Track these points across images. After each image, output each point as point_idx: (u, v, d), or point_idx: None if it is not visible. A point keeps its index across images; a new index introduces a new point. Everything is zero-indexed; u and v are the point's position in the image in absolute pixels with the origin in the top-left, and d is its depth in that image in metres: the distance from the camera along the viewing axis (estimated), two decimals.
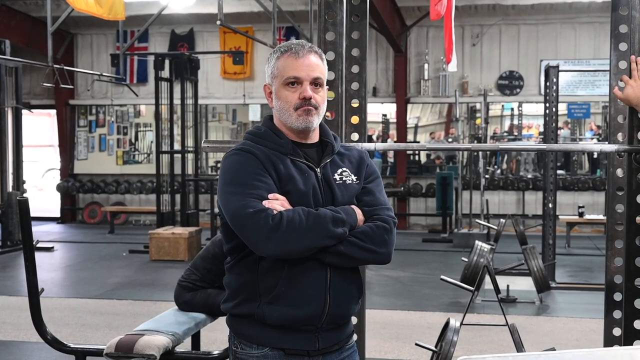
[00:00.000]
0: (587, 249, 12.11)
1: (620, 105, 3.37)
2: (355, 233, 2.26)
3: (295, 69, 2.28)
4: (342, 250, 2.23)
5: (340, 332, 2.37)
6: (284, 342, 2.28)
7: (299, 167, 2.30)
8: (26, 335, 6.39)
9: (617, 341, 3.42)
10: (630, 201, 3.25)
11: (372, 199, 2.35)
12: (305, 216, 2.18)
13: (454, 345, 3.95)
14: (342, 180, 2.34)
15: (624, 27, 3.25)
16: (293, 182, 2.26)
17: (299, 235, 2.16)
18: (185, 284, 5.09)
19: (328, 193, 2.31)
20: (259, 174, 2.23)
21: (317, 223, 2.18)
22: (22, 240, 3.98)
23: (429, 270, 10.04)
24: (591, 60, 14.04)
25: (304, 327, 2.27)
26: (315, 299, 2.25)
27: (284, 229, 2.14)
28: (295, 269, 2.24)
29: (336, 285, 2.28)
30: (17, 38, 13.87)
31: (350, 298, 2.34)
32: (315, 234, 2.18)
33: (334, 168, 2.35)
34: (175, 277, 5.24)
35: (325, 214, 2.21)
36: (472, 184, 13.15)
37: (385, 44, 14.48)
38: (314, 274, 2.25)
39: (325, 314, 2.27)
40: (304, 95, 2.28)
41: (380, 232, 2.28)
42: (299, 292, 2.25)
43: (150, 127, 15.97)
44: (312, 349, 2.30)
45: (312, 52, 2.32)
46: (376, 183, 2.41)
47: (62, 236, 13.82)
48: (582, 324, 7.12)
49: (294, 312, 2.25)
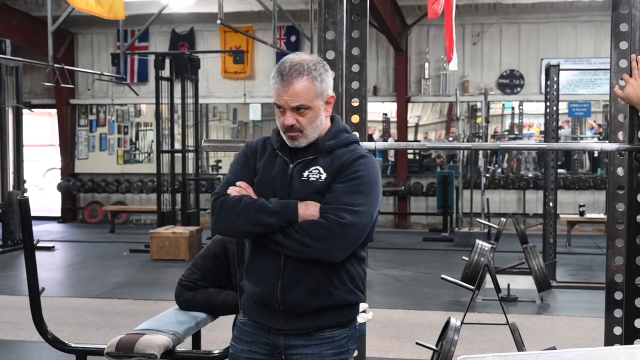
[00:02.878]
0: (587, 247, 12.11)
1: (621, 104, 3.37)
2: (294, 226, 2.42)
3: (278, 96, 2.48)
4: (278, 239, 2.44)
5: (306, 320, 2.52)
6: (254, 314, 2.59)
7: (277, 161, 2.55)
8: (27, 335, 6.39)
9: (617, 340, 3.42)
10: (630, 200, 3.25)
11: (331, 198, 2.44)
12: (239, 203, 2.46)
13: (454, 344, 3.95)
14: (307, 178, 2.49)
15: (625, 26, 3.25)
16: (260, 174, 2.55)
17: (231, 218, 2.48)
18: (186, 283, 5.09)
19: (288, 187, 2.50)
20: (239, 164, 2.60)
21: (246, 210, 2.45)
22: (23, 240, 3.98)
23: (430, 269, 10.03)
24: (592, 58, 14.04)
25: (267, 304, 2.52)
26: (267, 281, 2.50)
27: (218, 210, 2.51)
28: (257, 251, 2.54)
29: (289, 273, 2.47)
30: (17, 37, 13.86)
31: (307, 289, 2.47)
32: (244, 219, 2.45)
33: (309, 166, 2.51)
34: (176, 277, 5.24)
35: (256, 203, 2.46)
36: (472, 182, 13.15)
37: (385, 43, 14.48)
38: (270, 258, 2.50)
39: (277, 296, 2.48)
40: (284, 123, 2.48)
41: (316, 228, 2.39)
42: (257, 272, 2.55)
43: (150, 127, 15.97)
44: (273, 327, 2.53)
45: (298, 77, 2.44)
46: (350, 184, 2.45)
47: (62, 235, 13.83)
48: (583, 322, 7.11)
49: (254, 289, 2.56)
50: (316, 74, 2.47)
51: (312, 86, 2.46)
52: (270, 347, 2.56)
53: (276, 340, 2.55)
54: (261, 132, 16.18)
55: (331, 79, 2.55)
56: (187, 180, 12.24)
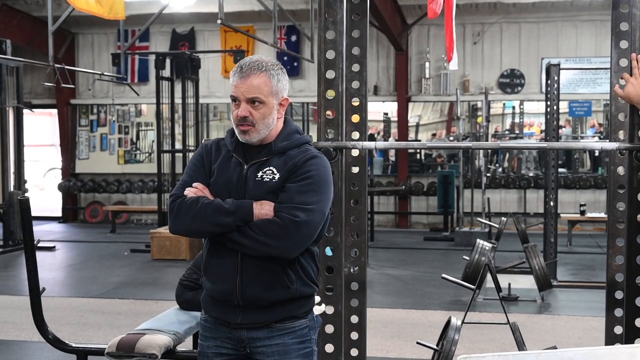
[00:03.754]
0: (588, 247, 12.10)
1: (621, 103, 3.37)
2: (250, 225, 2.52)
3: (235, 88, 2.61)
4: (235, 238, 2.53)
5: (265, 313, 2.62)
6: (213, 311, 2.70)
7: (232, 162, 2.64)
8: (28, 335, 6.39)
9: (618, 339, 3.42)
10: (631, 199, 3.25)
11: (285, 198, 2.55)
12: (197, 204, 2.55)
13: (455, 344, 3.95)
14: (260, 178, 2.59)
15: (625, 25, 3.25)
16: (215, 175, 2.64)
17: (187, 219, 2.56)
18: (186, 283, 5.10)
19: (243, 187, 2.59)
20: (195, 166, 2.68)
21: (202, 211, 2.54)
22: (24, 240, 3.98)
23: (431, 268, 10.03)
24: (592, 58, 14.03)
25: (225, 301, 2.63)
26: (225, 278, 2.60)
27: (176, 211, 2.59)
28: (212, 250, 2.65)
29: (247, 269, 2.58)
30: (18, 38, 13.86)
31: (265, 284, 2.58)
32: (201, 220, 2.54)
33: (263, 167, 2.61)
34: (177, 276, 5.24)
35: (212, 203, 2.55)
36: (473, 182, 13.15)
37: (386, 43, 14.47)
38: (226, 257, 2.60)
39: (236, 292, 2.59)
40: (239, 114, 2.59)
41: (271, 226, 2.50)
42: (215, 270, 2.65)
43: (151, 126, 15.97)
44: (232, 322, 2.64)
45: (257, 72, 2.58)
46: (302, 184, 2.56)
47: (63, 235, 13.83)
48: (584, 322, 7.11)
49: (212, 286, 2.66)
50: (274, 73, 2.61)
51: (268, 82, 2.59)
52: (235, 342, 2.67)
53: (239, 334, 2.65)
54: None
55: (287, 83, 2.68)
56: None
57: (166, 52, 13.73)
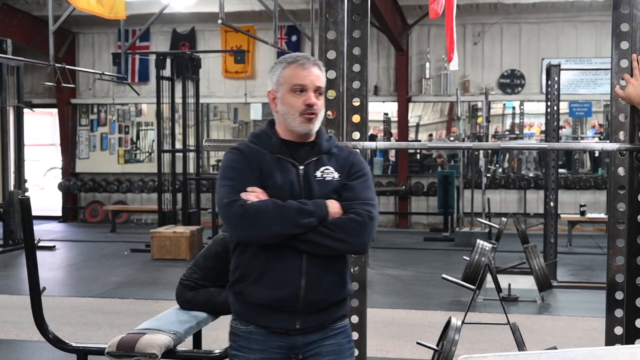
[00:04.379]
0: (588, 247, 12.10)
1: (622, 103, 3.37)
2: (327, 224, 2.49)
3: (302, 77, 2.55)
4: (312, 238, 2.47)
5: (323, 315, 2.60)
6: (266, 320, 2.58)
7: (282, 164, 2.57)
8: (28, 334, 6.39)
9: (618, 340, 3.42)
10: (631, 200, 3.25)
11: (351, 195, 2.56)
12: (272, 206, 2.46)
13: (455, 344, 3.95)
14: (322, 177, 2.58)
15: (626, 26, 3.25)
16: (271, 177, 2.54)
17: (266, 223, 2.45)
18: (186, 282, 5.10)
19: (306, 188, 2.55)
20: (240, 170, 2.55)
21: (283, 213, 2.45)
22: (24, 239, 3.98)
23: (431, 269, 10.04)
24: (593, 58, 14.03)
25: (283, 307, 2.54)
26: (289, 283, 2.52)
27: (250, 216, 2.45)
28: (271, 255, 2.52)
29: (312, 271, 2.53)
30: (18, 37, 13.86)
31: (329, 284, 2.57)
32: (280, 222, 2.45)
33: (318, 166, 2.59)
34: (177, 276, 5.24)
35: (292, 205, 2.47)
36: (473, 182, 13.15)
37: (386, 43, 14.47)
38: (289, 260, 2.52)
39: (300, 297, 2.52)
40: (308, 101, 2.54)
41: (351, 223, 2.50)
42: (275, 275, 2.53)
43: (151, 126, 15.97)
44: (291, 328, 2.56)
45: (315, 65, 2.59)
46: (361, 181, 2.60)
47: (63, 235, 13.83)
48: (584, 322, 7.12)
49: (272, 293, 2.53)
50: (323, 69, 2.65)
51: (323, 76, 2.63)
52: (286, 350, 2.60)
53: (293, 341, 2.59)
54: None
55: None
56: (188, 179, 12.24)
57: (167, 51, 13.73)
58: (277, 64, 2.61)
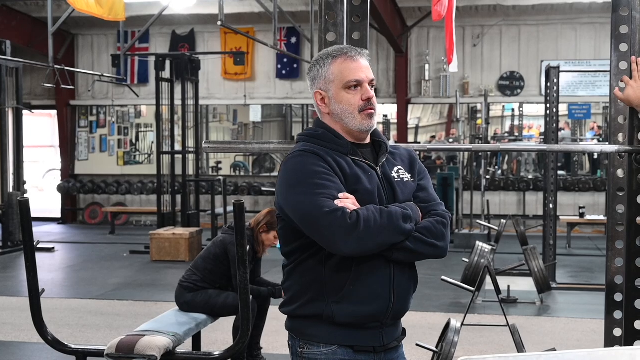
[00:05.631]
0: (587, 249, 12.11)
1: (621, 105, 3.37)
2: (419, 229, 2.30)
3: (356, 72, 2.32)
4: (409, 246, 2.27)
5: (397, 327, 2.44)
6: (352, 339, 2.31)
7: (360, 166, 2.33)
8: (27, 336, 6.39)
9: (617, 341, 3.42)
10: (630, 202, 3.25)
11: (426, 196, 2.42)
12: (379, 214, 2.21)
13: (454, 346, 3.95)
14: (400, 178, 2.39)
15: (625, 28, 3.25)
16: (360, 181, 2.30)
17: (375, 232, 2.19)
18: (186, 284, 5.10)
19: (390, 191, 2.35)
20: (326, 174, 2.25)
21: (390, 220, 2.22)
22: (23, 241, 3.98)
23: (430, 270, 10.02)
24: (592, 60, 14.05)
25: (370, 323, 2.31)
26: (381, 295, 2.29)
27: (362, 227, 2.16)
28: (363, 266, 2.26)
29: (399, 281, 2.33)
30: (17, 38, 13.87)
31: (409, 293, 2.40)
32: (388, 231, 2.21)
33: (391, 167, 2.40)
34: (176, 278, 5.25)
35: (396, 211, 2.25)
36: (472, 184, 13.15)
37: (386, 45, 14.49)
38: (380, 271, 2.29)
39: (390, 309, 2.31)
40: (367, 96, 2.33)
41: (440, 227, 2.33)
42: (367, 289, 2.28)
43: (151, 128, 15.98)
44: (377, 345, 2.34)
45: (363, 55, 2.37)
46: (427, 180, 2.48)
47: (62, 237, 13.83)
48: (583, 324, 7.12)
49: (362, 309, 2.28)
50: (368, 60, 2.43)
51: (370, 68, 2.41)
52: None
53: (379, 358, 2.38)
54: (261, 134, 16.18)
55: None
56: (187, 181, 12.24)
57: (166, 53, 13.73)
58: (320, 60, 2.38)
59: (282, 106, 15.56)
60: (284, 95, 15.08)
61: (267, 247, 5.32)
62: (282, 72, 15.03)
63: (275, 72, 15.10)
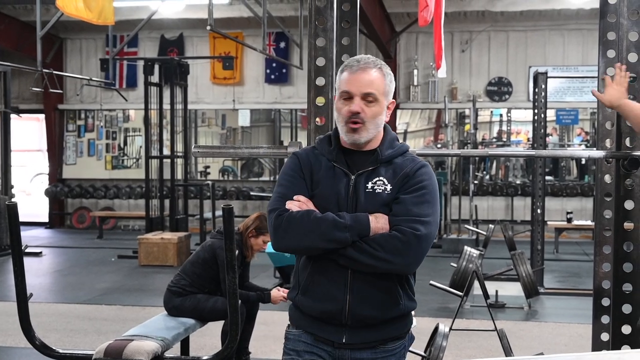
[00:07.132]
0: (575, 254, 12.15)
1: (609, 111, 3.40)
2: (367, 240, 2.36)
3: (348, 83, 2.44)
4: (350, 254, 2.36)
5: (374, 332, 2.49)
6: (314, 328, 2.52)
7: (336, 172, 2.47)
8: (14, 341, 6.36)
9: (605, 346, 3.44)
10: (618, 207, 3.28)
11: (401, 209, 2.40)
12: (307, 218, 2.36)
13: (443, 351, 3.96)
14: (372, 189, 2.44)
15: (612, 34, 3.28)
16: (320, 187, 2.46)
17: (298, 235, 2.37)
18: (174, 289, 5.09)
19: (353, 199, 2.43)
20: (292, 177, 2.48)
21: (317, 226, 2.35)
22: (11, 245, 3.97)
23: (418, 275, 9.92)
24: (579, 66, 14.12)
25: (330, 320, 2.46)
26: (334, 296, 2.44)
27: (284, 227, 2.38)
28: (317, 267, 2.46)
29: (358, 287, 2.42)
30: (5, 42, 13.81)
31: (377, 302, 2.44)
32: (314, 235, 2.36)
33: (372, 177, 2.45)
34: (165, 283, 5.23)
35: (327, 218, 2.36)
36: (461, 189, 13.19)
37: (374, 50, 14.50)
38: (333, 274, 2.43)
39: (345, 311, 2.43)
40: (351, 109, 2.42)
41: (393, 242, 2.35)
42: (321, 288, 2.46)
43: (139, 132, 15.94)
44: (337, 341, 2.48)
45: (373, 68, 2.45)
46: (416, 195, 2.42)
47: (50, 241, 13.76)
48: (571, 329, 7.14)
49: (317, 305, 2.47)
50: (387, 72, 2.50)
51: (383, 80, 2.47)
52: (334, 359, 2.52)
53: (341, 354, 2.50)
54: (250, 138, 16.17)
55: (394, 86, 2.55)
56: (175, 186, 12.21)
57: (155, 57, 13.72)
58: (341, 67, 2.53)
59: (271, 111, 15.57)
60: (272, 100, 15.08)
61: (255, 252, 5.32)
62: (270, 77, 15.03)
63: (264, 77, 15.10)
